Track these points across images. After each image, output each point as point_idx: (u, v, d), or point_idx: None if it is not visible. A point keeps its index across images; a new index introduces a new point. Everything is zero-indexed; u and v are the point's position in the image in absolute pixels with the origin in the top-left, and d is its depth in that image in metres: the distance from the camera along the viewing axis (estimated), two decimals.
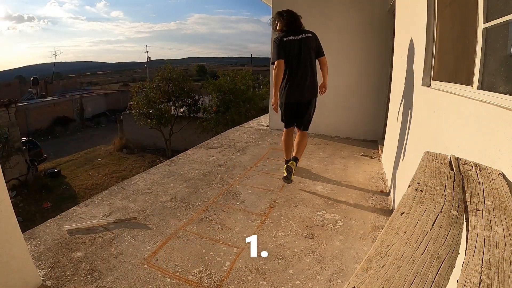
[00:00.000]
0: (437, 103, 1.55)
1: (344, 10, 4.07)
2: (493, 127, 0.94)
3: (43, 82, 28.30)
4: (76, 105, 21.49)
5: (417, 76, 1.99)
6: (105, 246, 1.78)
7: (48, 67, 56.69)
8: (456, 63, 1.64)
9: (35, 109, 19.34)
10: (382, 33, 3.94)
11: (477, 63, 1.21)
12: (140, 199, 2.40)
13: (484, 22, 1.17)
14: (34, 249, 1.73)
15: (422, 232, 0.64)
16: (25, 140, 11.68)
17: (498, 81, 1.13)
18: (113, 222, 2.02)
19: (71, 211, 2.18)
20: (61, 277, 1.52)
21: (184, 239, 1.88)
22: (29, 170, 10.55)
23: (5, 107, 10.04)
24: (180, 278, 1.55)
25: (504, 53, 1.13)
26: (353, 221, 2.14)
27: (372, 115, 4.23)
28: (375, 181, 2.86)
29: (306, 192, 2.60)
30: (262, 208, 2.30)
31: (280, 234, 1.96)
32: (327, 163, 3.32)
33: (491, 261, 0.54)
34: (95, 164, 13.17)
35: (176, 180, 2.80)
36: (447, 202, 0.76)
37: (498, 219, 0.68)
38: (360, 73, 4.18)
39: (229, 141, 4.12)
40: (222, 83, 11.74)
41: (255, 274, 1.59)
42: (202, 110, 12.32)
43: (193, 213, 2.20)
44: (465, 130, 1.16)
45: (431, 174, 0.93)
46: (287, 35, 2.55)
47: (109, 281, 1.51)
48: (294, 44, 2.53)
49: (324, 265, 1.67)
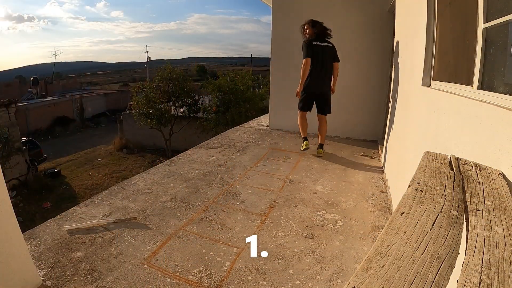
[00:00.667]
0: (437, 103, 1.55)
1: (344, 10, 4.07)
2: (493, 127, 0.94)
3: (43, 82, 28.30)
4: (76, 105, 21.50)
5: (417, 76, 1.99)
6: (105, 246, 1.78)
7: (48, 67, 56.71)
8: (456, 63, 1.64)
9: (35, 109, 19.34)
10: (382, 33, 3.94)
11: (477, 63, 1.20)
12: (140, 199, 2.40)
13: (484, 22, 1.17)
14: (34, 249, 1.73)
15: (422, 232, 0.64)
16: (25, 140, 11.68)
17: (498, 81, 1.13)
18: (113, 222, 2.02)
19: (71, 211, 2.18)
20: (61, 277, 1.52)
21: (184, 239, 1.88)
22: (29, 170, 10.56)
23: (5, 107, 10.04)
24: (180, 278, 1.55)
25: (504, 53, 1.13)
26: (353, 221, 2.14)
27: (372, 115, 4.23)
28: (375, 181, 2.86)
29: (306, 192, 2.60)
30: (262, 208, 2.30)
31: (280, 234, 1.96)
32: (327, 163, 3.32)
33: (491, 261, 0.54)
34: (95, 164, 13.17)
35: (176, 180, 2.80)
36: (447, 202, 0.76)
37: (498, 219, 0.68)
38: (360, 73, 4.18)
39: (229, 141, 4.12)
40: (222, 83, 11.74)
41: (255, 274, 1.59)
42: (202, 110, 12.32)
43: (193, 213, 2.20)
44: (465, 130, 1.16)
45: (431, 174, 0.93)
46: (315, 40, 3.32)
47: (109, 281, 1.51)
48: (318, 48, 3.31)
49: (324, 265, 1.67)
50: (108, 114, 23.45)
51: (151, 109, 12.13)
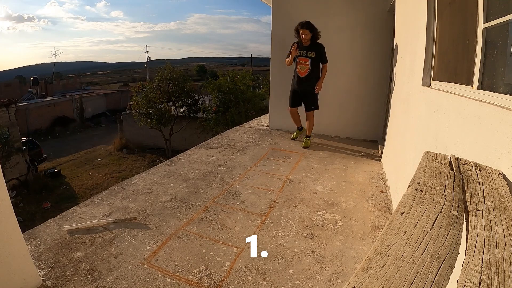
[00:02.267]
0: (437, 103, 1.55)
1: (344, 10, 4.06)
2: (493, 127, 0.94)
3: (43, 82, 28.28)
4: (76, 105, 21.49)
5: (417, 76, 1.99)
6: (105, 246, 1.78)
7: (48, 67, 56.72)
8: (456, 63, 1.64)
9: (35, 109, 19.33)
10: (382, 33, 3.94)
11: (477, 63, 1.21)
12: (140, 199, 2.40)
13: (484, 22, 1.17)
14: (34, 249, 1.72)
15: (422, 232, 0.64)
16: (25, 140, 11.69)
17: (498, 81, 1.13)
18: (113, 222, 2.02)
19: (71, 211, 2.18)
20: (61, 277, 1.52)
21: (184, 239, 1.88)
22: (29, 170, 10.56)
23: (5, 107, 10.05)
24: (180, 278, 1.55)
25: (504, 53, 1.13)
26: (353, 221, 2.14)
27: (372, 115, 4.23)
28: (375, 181, 2.86)
29: (306, 192, 2.60)
30: (262, 208, 2.30)
31: (280, 234, 1.96)
32: (327, 163, 3.32)
33: (491, 261, 0.54)
34: (95, 164, 13.17)
35: (176, 180, 2.80)
36: (447, 202, 0.76)
37: (498, 219, 0.68)
38: (360, 73, 4.18)
39: (229, 141, 4.12)
40: (222, 83, 11.73)
41: (255, 274, 1.59)
42: (202, 110, 12.32)
43: (193, 213, 2.20)
44: (465, 130, 1.16)
45: (431, 174, 0.93)
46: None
47: (109, 281, 1.51)
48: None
49: (324, 265, 1.67)
50: (108, 114, 23.44)
51: (151, 109, 12.12)
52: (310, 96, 3.75)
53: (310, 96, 3.75)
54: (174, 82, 12.34)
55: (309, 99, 3.77)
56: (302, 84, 3.72)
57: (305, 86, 3.72)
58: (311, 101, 3.77)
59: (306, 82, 3.70)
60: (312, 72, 3.66)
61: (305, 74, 3.67)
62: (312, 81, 3.69)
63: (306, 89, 3.73)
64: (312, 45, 3.61)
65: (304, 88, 3.74)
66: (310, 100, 3.76)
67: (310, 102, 3.77)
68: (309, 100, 3.77)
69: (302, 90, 3.76)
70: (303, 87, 3.74)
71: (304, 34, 3.53)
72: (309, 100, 3.77)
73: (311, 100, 3.76)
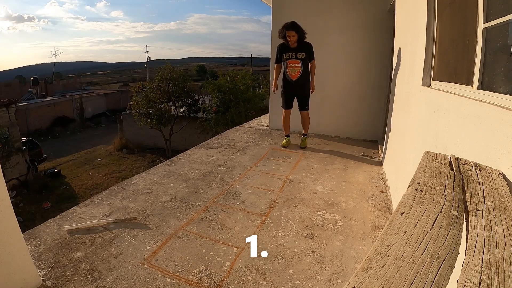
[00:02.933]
0: (437, 103, 1.55)
1: (344, 10, 4.07)
2: (493, 127, 0.94)
3: (43, 82, 28.29)
4: (76, 105, 21.48)
5: (417, 76, 1.99)
6: (105, 246, 1.78)
7: (48, 67, 56.72)
8: (456, 63, 1.64)
9: (35, 109, 19.33)
10: (382, 33, 3.94)
11: (477, 63, 1.20)
12: (140, 199, 2.40)
13: (484, 22, 1.17)
14: (34, 249, 1.73)
15: (422, 232, 0.64)
16: (25, 140, 11.69)
17: (498, 81, 1.13)
18: (113, 222, 2.02)
19: (71, 211, 2.18)
20: (61, 277, 1.52)
21: (184, 239, 1.88)
22: (29, 170, 10.56)
23: (5, 107, 10.06)
24: (180, 278, 1.55)
25: (504, 53, 1.13)
26: (353, 221, 2.14)
27: (372, 115, 4.23)
28: (375, 181, 2.86)
29: (306, 192, 2.60)
30: (262, 208, 2.30)
31: (280, 234, 1.96)
32: (327, 163, 3.32)
33: (491, 261, 0.54)
34: (95, 164, 13.17)
35: (176, 180, 2.80)
36: (447, 202, 0.76)
37: (498, 219, 0.68)
38: (360, 73, 4.18)
39: (229, 141, 4.12)
40: (222, 83, 11.73)
41: (255, 274, 1.59)
42: (202, 110, 12.32)
43: (193, 213, 2.20)
44: (465, 130, 1.16)
45: (431, 174, 0.93)
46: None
47: (109, 281, 1.51)
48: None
49: (324, 265, 1.67)
50: (108, 114, 23.44)
51: (151, 109, 12.12)
52: (305, 96, 3.76)
53: (304, 97, 3.76)
54: (174, 82, 12.34)
55: (303, 99, 3.77)
56: (296, 87, 3.69)
57: (299, 88, 3.70)
58: (305, 101, 3.77)
59: (299, 84, 3.66)
60: (304, 73, 3.62)
61: (297, 76, 3.63)
62: (305, 82, 3.67)
63: (300, 91, 3.71)
64: (300, 46, 3.53)
65: (297, 91, 3.72)
66: (304, 100, 3.77)
67: (304, 102, 3.77)
68: (303, 100, 3.77)
69: (296, 92, 3.75)
70: (296, 90, 3.72)
71: (291, 36, 3.43)
72: (303, 100, 3.77)
73: (305, 100, 3.77)
